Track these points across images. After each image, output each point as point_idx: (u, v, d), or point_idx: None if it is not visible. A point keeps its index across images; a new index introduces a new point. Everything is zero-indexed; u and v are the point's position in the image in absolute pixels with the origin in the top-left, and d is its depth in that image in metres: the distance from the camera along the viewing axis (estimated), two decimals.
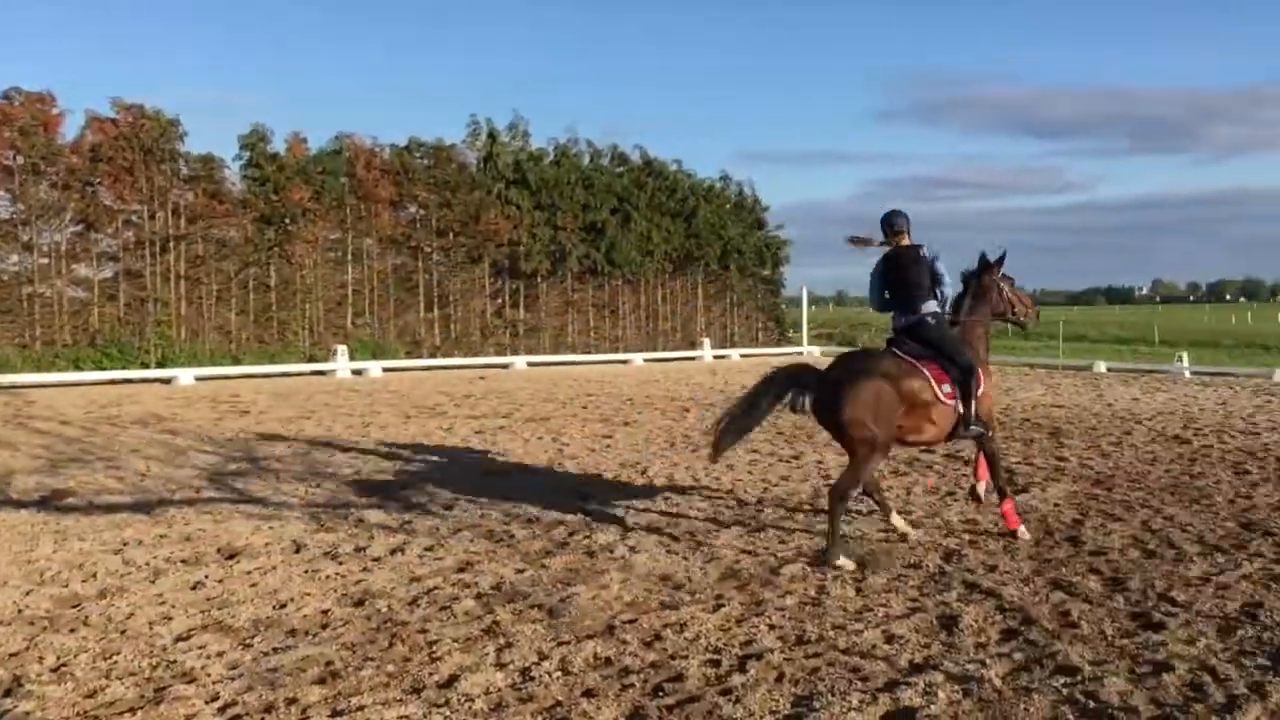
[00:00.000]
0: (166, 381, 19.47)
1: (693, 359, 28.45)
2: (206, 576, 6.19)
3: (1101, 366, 24.09)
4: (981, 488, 7.52)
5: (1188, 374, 22.81)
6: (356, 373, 22.02)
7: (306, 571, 6.33)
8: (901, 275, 7.14)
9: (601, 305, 30.33)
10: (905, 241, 7.24)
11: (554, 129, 74.15)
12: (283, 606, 5.65)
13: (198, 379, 19.90)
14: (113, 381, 19.31)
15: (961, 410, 6.83)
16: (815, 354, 30.35)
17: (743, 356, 29.46)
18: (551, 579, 6.17)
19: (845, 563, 6.26)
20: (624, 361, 27.26)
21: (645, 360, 27.56)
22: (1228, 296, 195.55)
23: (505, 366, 24.66)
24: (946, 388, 6.77)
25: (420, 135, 27.59)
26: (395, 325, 26.23)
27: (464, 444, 11.87)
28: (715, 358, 28.82)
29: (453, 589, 5.97)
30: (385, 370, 22.56)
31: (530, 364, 25.19)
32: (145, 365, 20.98)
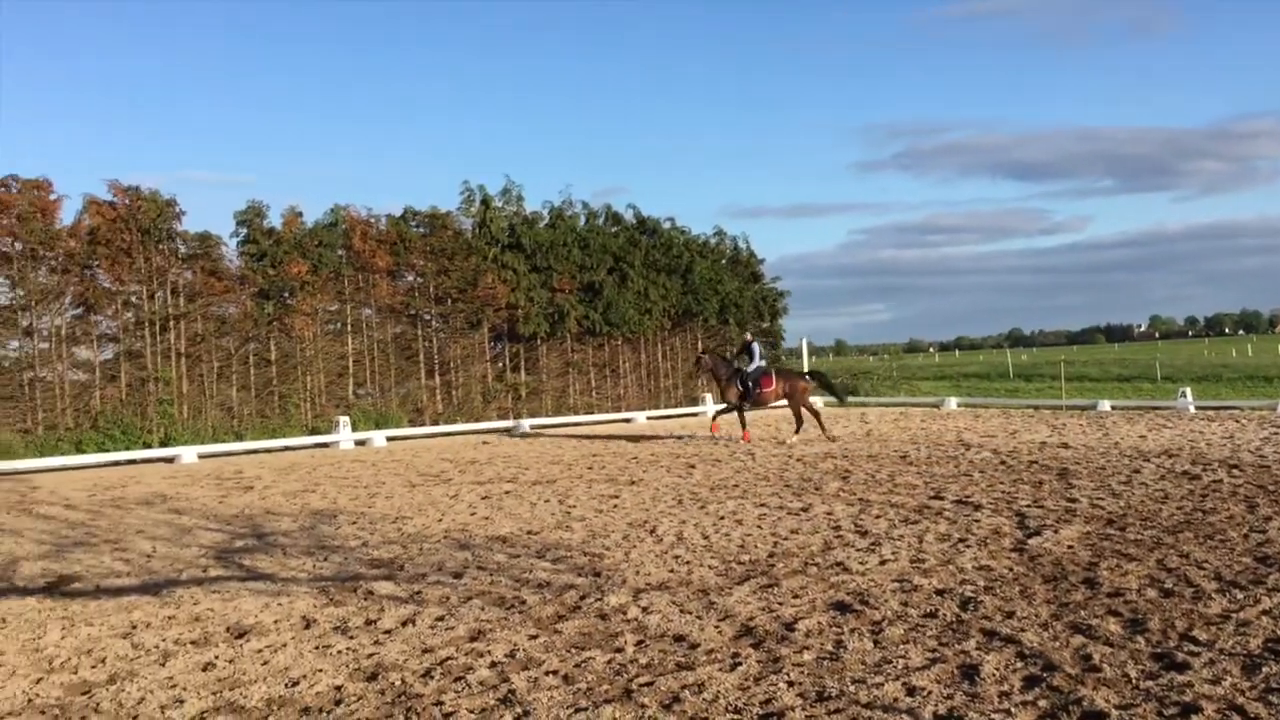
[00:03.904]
0: (170, 460, 19.45)
1: (695, 415, 28.38)
2: (217, 657, 6.13)
3: (1105, 405, 24.05)
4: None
5: (1192, 409, 22.78)
6: (360, 443, 21.98)
7: (317, 647, 6.26)
8: (757, 348, 19.87)
9: (602, 365, 30.36)
10: (750, 336, 21.22)
11: (547, 192, 74.75)
12: (295, 684, 5.59)
13: (201, 457, 19.87)
14: (116, 463, 19.26)
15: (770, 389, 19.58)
16: (818, 405, 30.29)
17: None
18: (565, 644, 6.10)
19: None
20: (627, 420, 27.23)
21: (648, 418, 27.52)
22: (1226, 330, 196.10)
23: (509, 431, 24.63)
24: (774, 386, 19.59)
25: (415, 204, 27.88)
26: (397, 394, 26.23)
27: (470, 510, 11.82)
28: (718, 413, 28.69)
29: (466, 658, 5.91)
30: (389, 439, 22.53)
31: (534, 427, 25.16)
32: (148, 445, 20.92)
